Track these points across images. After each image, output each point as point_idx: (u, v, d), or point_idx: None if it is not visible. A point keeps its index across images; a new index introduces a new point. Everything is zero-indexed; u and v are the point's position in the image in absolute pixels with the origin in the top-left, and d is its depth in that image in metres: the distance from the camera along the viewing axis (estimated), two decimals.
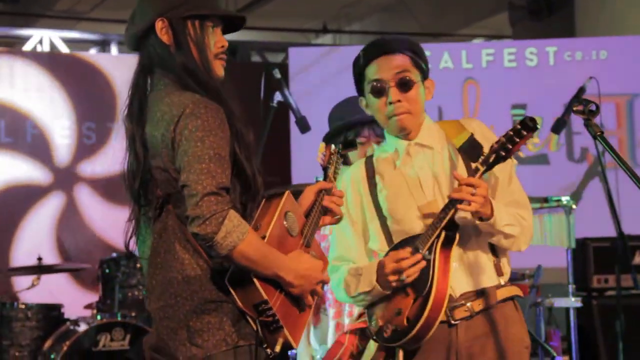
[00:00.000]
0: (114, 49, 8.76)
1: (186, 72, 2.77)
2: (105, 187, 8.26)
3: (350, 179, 3.25)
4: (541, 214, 5.74)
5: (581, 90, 6.00)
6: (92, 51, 8.94)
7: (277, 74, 5.34)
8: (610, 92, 6.68)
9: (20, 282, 7.57)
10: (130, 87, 2.90)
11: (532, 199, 5.66)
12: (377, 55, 3.12)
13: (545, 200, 5.70)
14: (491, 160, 2.89)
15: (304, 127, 5.26)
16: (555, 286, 6.31)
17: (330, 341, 4.06)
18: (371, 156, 3.28)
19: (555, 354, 5.27)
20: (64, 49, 8.75)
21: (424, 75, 3.16)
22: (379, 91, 3.10)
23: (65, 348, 6.34)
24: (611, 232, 7.34)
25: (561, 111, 8.40)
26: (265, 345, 2.70)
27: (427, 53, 3.24)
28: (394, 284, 3.00)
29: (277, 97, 5.34)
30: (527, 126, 2.83)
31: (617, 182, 6.71)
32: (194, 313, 2.72)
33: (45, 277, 6.86)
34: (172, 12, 2.79)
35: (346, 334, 3.30)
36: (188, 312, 2.72)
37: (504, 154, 2.87)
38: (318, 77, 7.88)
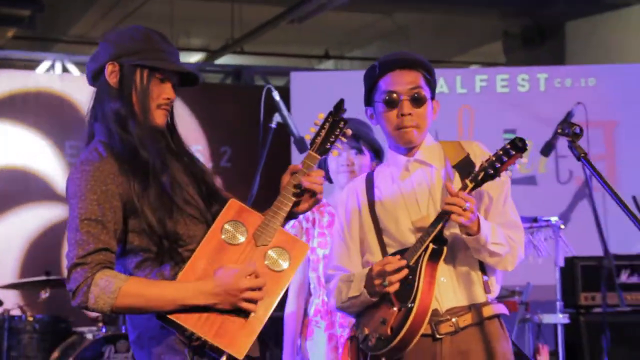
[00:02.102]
0: None
1: (116, 117, 2.78)
2: None
3: (350, 192, 3.25)
4: (531, 233, 5.69)
5: (569, 114, 5.96)
6: None
7: (276, 96, 5.30)
8: (598, 118, 6.63)
9: (30, 296, 7.49)
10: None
11: (522, 219, 5.65)
12: (393, 69, 3.12)
13: (535, 220, 5.64)
14: (480, 177, 2.88)
15: (302, 147, 5.20)
16: (544, 303, 6.23)
17: (324, 353, 4.00)
18: (372, 170, 3.27)
19: None
20: (75, 72, 8.70)
21: (432, 95, 3.16)
22: (392, 102, 3.09)
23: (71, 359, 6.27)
24: (598, 252, 7.31)
25: (550, 136, 8.40)
26: None
27: None
28: (377, 289, 2.96)
29: (277, 118, 5.29)
30: (517, 146, 2.84)
31: (604, 203, 6.64)
32: (153, 339, 2.74)
33: (53, 291, 6.79)
34: (125, 59, 2.80)
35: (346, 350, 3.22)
36: (149, 339, 2.75)
37: (492, 172, 2.86)
38: (319, 100, 7.81)
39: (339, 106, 2.91)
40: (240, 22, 10.09)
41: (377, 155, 4.08)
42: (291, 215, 2.90)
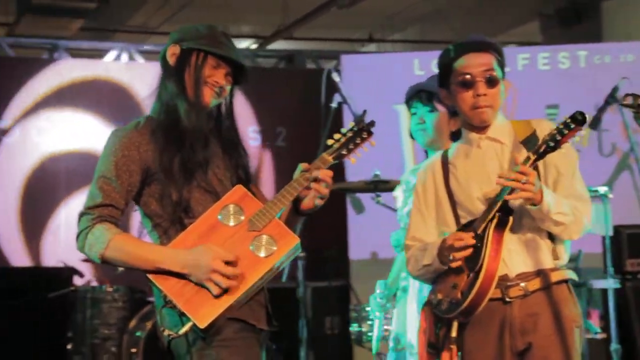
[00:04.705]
0: None
1: (168, 92, 2.93)
2: None
3: (427, 169, 3.30)
4: None
5: (615, 89, 5.91)
6: None
7: (336, 77, 5.34)
8: (637, 93, 6.53)
9: (107, 269, 7.57)
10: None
11: None
12: (468, 52, 3.14)
13: None
14: (541, 150, 2.90)
15: None
16: (592, 270, 6.22)
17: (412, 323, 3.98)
18: (447, 148, 3.31)
19: (598, 329, 5.20)
20: (140, 60, 8.77)
21: (503, 75, 3.17)
22: (468, 84, 3.11)
23: (149, 327, 6.40)
24: (638, 221, 7.26)
25: (591, 109, 8.32)
26: (162, 328, 2.78)
27: None
28: (445, 259, 3.02)
29: (337, 98, 5.33)
30: (577, 120, 2.84)
31: None
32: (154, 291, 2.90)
33: None
34: (186, 43, 2.96)
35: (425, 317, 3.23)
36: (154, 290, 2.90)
37: (553, 144, 2.87)
38: (367, 80, 7.81)
39: (362, 117, 2.95)
40: (287, 9, 10.11)
41: (455, 111, 4.04)
42: (301, 213, 2.94)
